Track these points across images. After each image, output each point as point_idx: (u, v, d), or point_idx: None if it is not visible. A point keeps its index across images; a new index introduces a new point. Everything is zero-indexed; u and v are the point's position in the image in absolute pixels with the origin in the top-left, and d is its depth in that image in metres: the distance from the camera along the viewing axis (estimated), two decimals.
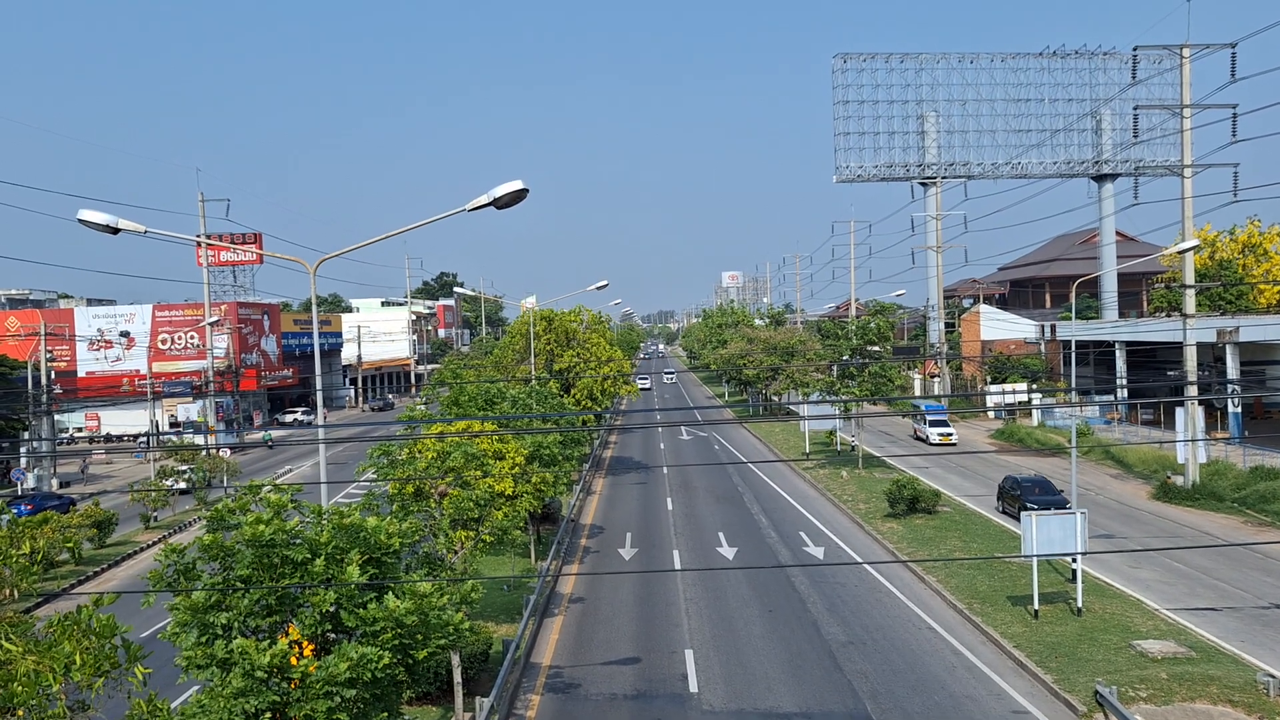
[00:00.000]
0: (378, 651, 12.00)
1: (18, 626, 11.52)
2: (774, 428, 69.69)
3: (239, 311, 78.39)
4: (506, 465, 24.90)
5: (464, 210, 16.63)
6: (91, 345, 75.35)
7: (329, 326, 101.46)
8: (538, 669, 22.24)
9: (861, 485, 44.15)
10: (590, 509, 41.87)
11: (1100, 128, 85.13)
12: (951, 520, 36.14)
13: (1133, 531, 34.19)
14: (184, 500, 45.48)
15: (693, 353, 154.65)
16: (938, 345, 79.76)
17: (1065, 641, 22.32)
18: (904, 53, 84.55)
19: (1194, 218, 41.39)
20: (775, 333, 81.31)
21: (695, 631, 24.58)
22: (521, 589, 27.91)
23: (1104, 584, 27.08)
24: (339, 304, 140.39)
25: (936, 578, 28.27)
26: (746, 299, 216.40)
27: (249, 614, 12.47)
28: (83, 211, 16.68)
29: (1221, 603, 25.45)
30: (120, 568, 34.55)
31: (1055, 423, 59.90)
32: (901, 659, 22.25)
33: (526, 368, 50.52)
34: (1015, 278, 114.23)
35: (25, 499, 42.86)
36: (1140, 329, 61.49)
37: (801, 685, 20.81)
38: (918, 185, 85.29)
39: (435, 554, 19.05)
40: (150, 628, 24.13)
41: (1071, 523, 23.36)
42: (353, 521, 13.44)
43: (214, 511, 13.49)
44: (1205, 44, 40.06)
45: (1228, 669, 19.95)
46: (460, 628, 13.80)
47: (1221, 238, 77.38)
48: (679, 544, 34.71)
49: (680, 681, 21.21)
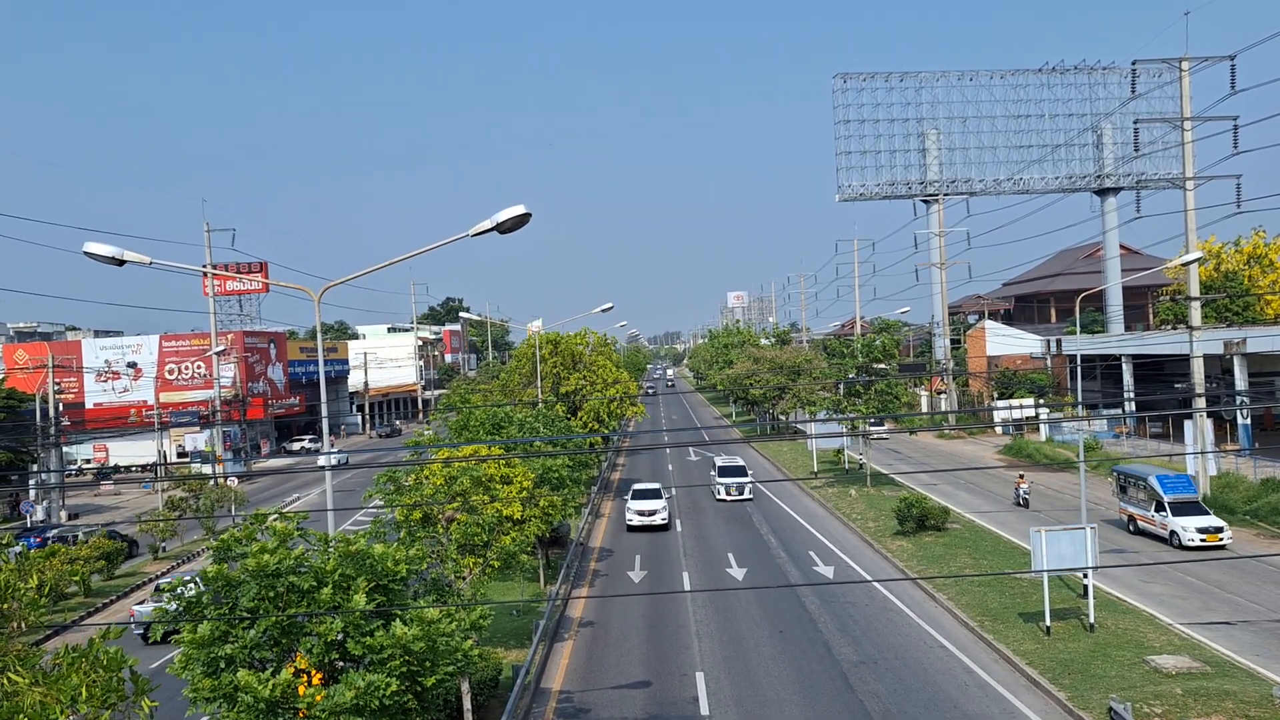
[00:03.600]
0: (385, 679, 11.95)
1: (25, 659, 11.49)
2: (781, 447, 69.54)
3: (245, 340, 78.58)
4: (514, 489, 24.88)
5: (467, 235, 16.69)
6: (99, 377, 75.57)
7: (335, 354, 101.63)
8: (548, 694, 22.12)
9: (870, 503, 43.99)
10: (599, 532, 41.76)
11: (1101, 142, 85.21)
12: (961, 537, 35.97)
13: (1144, 546, 33.98)
14: (192, 530, 45.46)
15: (699, 373, 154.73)
16: (943, 362, 79.62)
17: (1078, 658, 22.16)
18: (904, 71, 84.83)
19: (1198, 230, 41.39)
20: (781, 352, 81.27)
21: (706, 654, 24.44)
22: (531, 613, 27.81)
23: (1116, 599, 26.90)
24: (345, 331, 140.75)
25: (947, 595, 28.11)
26: (752, 319, 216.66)
27: (254, 646, 12.43)
28: (89, 244, 16.77)
29: (1235, 616, 25.25)
30: (129, 599, 34.52)
31: (1063, 438, 59.64)
32: (914, 678, 22.09)
33: (533, 391, 50.55)
34: (1020, 293, 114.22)
35: (35, 531, 42.91)
36: (1146, 342, 61.32)
37: (813, 706, 20.66)
38: (920, 203, 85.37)
39: (443, 580, 19.00)
40: (158, 659, 24.08)
41: (1082, 538, 23.24)
42: (359, 549, 13.43)
43: (220, 542, 13.49)
44: (1204, 56, 40.19)
45: (1243, 683, 19.77)
46: (469, 654, 13.75)
47: (1226, 249, 77.25)
48: (688, 566, 34.57)
49: (691, 704, 21.07)
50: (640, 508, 40.78)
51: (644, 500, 41.29)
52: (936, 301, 79.92)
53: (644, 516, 40.48)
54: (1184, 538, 32.85)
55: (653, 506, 40.74)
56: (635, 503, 41.28)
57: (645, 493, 42.25)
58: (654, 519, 40.47)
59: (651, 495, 41.88)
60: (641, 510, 40.70)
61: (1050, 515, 39.09)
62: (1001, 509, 42.15)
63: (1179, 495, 34.07)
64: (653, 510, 40.59)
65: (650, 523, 40.41)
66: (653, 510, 40.59)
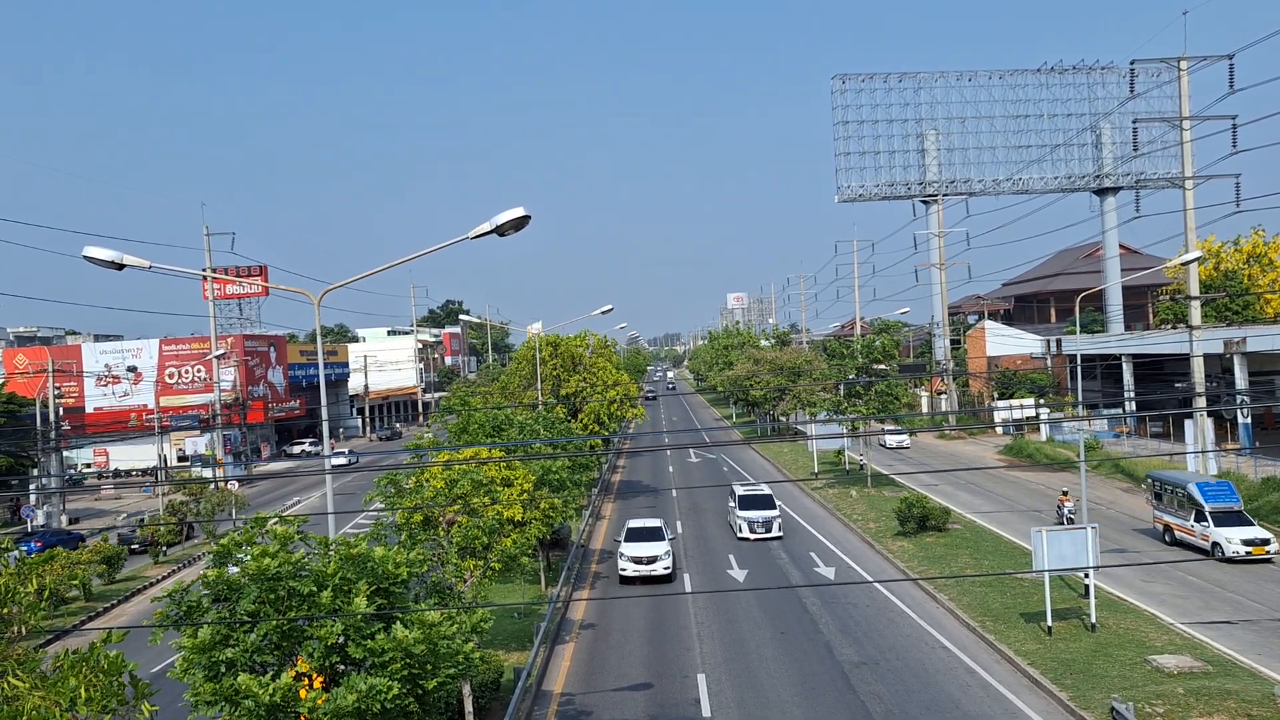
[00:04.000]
0: (386, 682, 11.94)
1: (25, 663, 11.48)
2: (782, 448, 69.52)
3: (245, 344, 78.59)
4: (515, 491, 24.86)
5: (467, 238, 16.69)
6: (99, 381, 75.58)
7: (335, 357, 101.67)
8: (549, 696, 22.10)
9: (871, 504, 43.98)
10: (600, 534, 41.75)
11: (1100, 142, 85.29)
12: (962, 538, 35.96)
13: (1145, 546, 33.97)
14: (192, 534, 45.45)
15: (699, 375, 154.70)
16: (944, 362, 79.64)
17: (1080, 658, 22.15)
18: (902, 72, 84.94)
19: (1197, 229, 41.43)
20: (781, 353, 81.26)
21: (707, 655, 24.43)
22: (532, 616, 27.81)
23: (1117, 599, 26.89)
24: (345, 334, 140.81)
25: (948, 596, 28.10)
26: (752, 320, 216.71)
27: (255, 649, 12.42)
28: (88, 248, 16.77)
29: (1237, 615, 25.25)
30: (130, 603, 34.53)
31: (1063, 437, 59.64)
32: (915, 679, 22.08)
33: (534, 393, 50.55)
34: (1019, 293, 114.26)
35: (35, 536, 42.90)
36: (1146, 342, 61.34)
37: (815, 707, 20.64)
38: (919, 203, 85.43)
39: (444, 583, 18.98)
40: (160, 663, 24.05)
41: (1082, 537, 23.24)
42: (360, 552, 13.41)
43: (220, 546, 13.47)
44: (1202, 56, 40.22)
45: (1245, 683, 19.76)
46: (470, 656, 13.73)
47: (1226, 248, 77.28)
48: (689, 567, 34.55)
49: (693, 706, 21.05)
50: (636, 552, 32.80)
51: (641, 543, 33.35)
52: (936, 302, 79.96)
53: (641, 565, 32.48)
54: (1227, 550, 30.26)
55: (652, 551, 32.83)
56: (630, 546, 33.25)
57: (642, 532, 34.11)
58: (654, 568, 32.38)
59: (650, 536, 33.86)
60: (638, 556, 32.65)
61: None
62: (1002, 509, 42.13)
63: (1221, 504, 31.51)
64: (652, 556, 32.58)
65: (649, 573, 32.37)
66: (652, 556, 32.58)
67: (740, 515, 39.55)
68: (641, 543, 33.19)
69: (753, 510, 39.46)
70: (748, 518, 39.22)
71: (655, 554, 32.55)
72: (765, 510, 39.50)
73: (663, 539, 33.74)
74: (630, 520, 36.07)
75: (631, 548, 33.00)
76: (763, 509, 39.55)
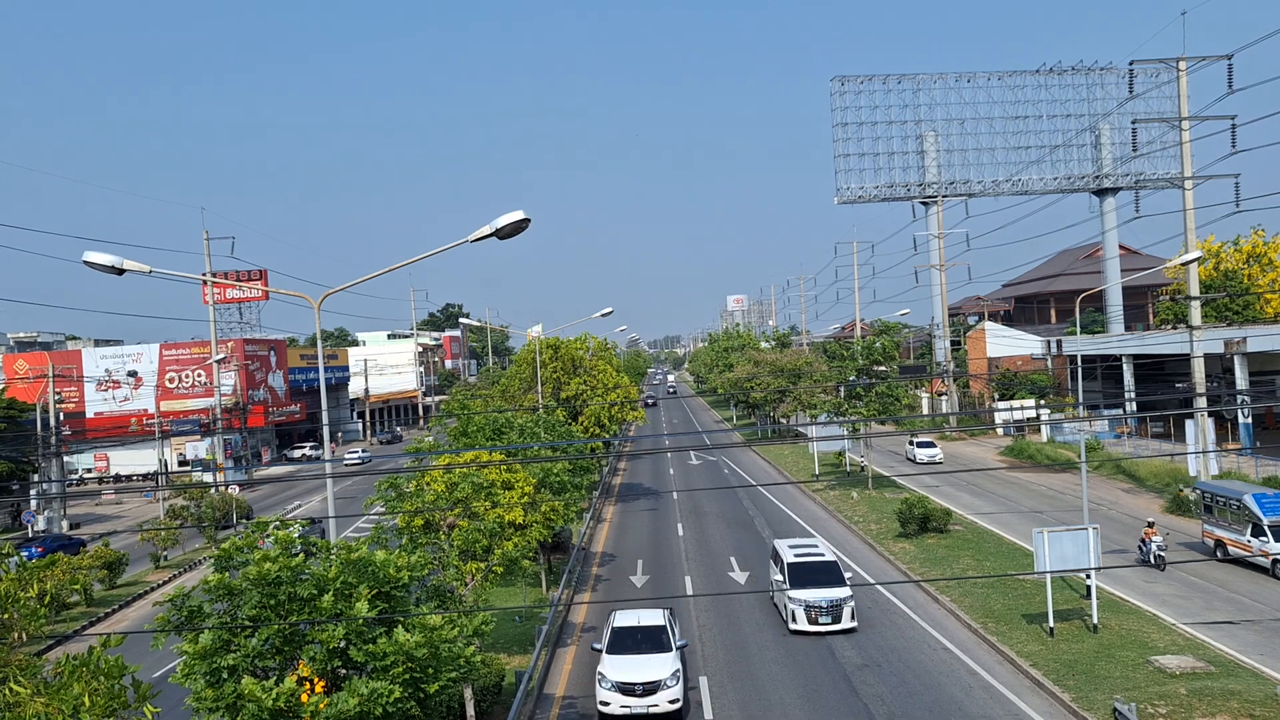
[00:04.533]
0: (388, 686, 11.94)
1: (27, 668, 11.47)
2: (783, 450, 69.49)
3: (245, 348, 78.57)
4: (515, 495, 24.85)
5: (466, 241, 16.70)
6: (99, 386, 75.58)
7: (335, 361, 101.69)
8: (551, 700, 22.08)
9: (872, 506, 43.95)
10: (601, 536, 41.72)
11: (1099, 142, 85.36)
12: (964, 539, 35.93)
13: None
14: (193, 539, 45.42)
15: (700, 377, 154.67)
16: (944, 363, 79.65)
17: (1082, 659, 22.13)
18: (901, 74, 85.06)
19: (1197, 229, 41.42)
20: (781, 355, 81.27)
21: (709, 658, 24.40)
22: (533, 619, 27.78)
23: (1119, 599, 26.87)
24: (345, 338, 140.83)
25: (950, 597, 28.08)
26: (752, 322, 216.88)
27: (257, 654, 12.41)
28: (88, 253, 16.78)
29: (1239, 616, 25.22)
30: (131, 608, 34.50)
31: (1064, 438, 59.64)
32: (917, 680, 22.06)
33: (534, 396, 50.54)
34: (1019, 294, 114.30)
35: (36, 541, 42.89)
36: (1147, 342, 61.34)
37: (817, 710, 20.62)
38: (919, 204, 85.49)
39: (445, 586, 18.98)
40: (161, 668, 24.03)
41: (1084, 538, 23.22)
42: (361, 556, 13.41)
43: (221, 551, 13.46)
44: (1201, 56, 40.25)
45: (1248, 683, 19.74)
46: (472, 660, 13.73)
47: (1226, 248, 77.30)
48: (691, 569, 34.53)
49: (695, 708, 21.01)
50: (625, 676, 20.07)
51: (632, 656, 20.71)
52: (936, 303, 79.97)
53: (633, 697, 19.84)
54: None
55: (650, 673, 20.11)
56: (615, 663, 20.53)
57: (635, 636, 21.50)
58: (654, 701, 19.78)
59: (647, 641, 21.32)
60: (628, 684, 19.93)
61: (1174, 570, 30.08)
62: (1003, 510, 42.11)
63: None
64: (651, 683, 19.90)
65: (646, 709, 19.76)
66: (651, 683, 19.90)
67: (793, 598, 25.90)
68: (633, 655, 20.82)
69: (812, 589, 25.95)
70: (805, 600, 25.72)
71: (654, 679, 20.05)
72: (830, 589, 25.95)
73: (668, 648, 21.14)
74: (616, 612, 23.03)
75: (618, 667, 20.44)
76: (826, 586, 26.06)
